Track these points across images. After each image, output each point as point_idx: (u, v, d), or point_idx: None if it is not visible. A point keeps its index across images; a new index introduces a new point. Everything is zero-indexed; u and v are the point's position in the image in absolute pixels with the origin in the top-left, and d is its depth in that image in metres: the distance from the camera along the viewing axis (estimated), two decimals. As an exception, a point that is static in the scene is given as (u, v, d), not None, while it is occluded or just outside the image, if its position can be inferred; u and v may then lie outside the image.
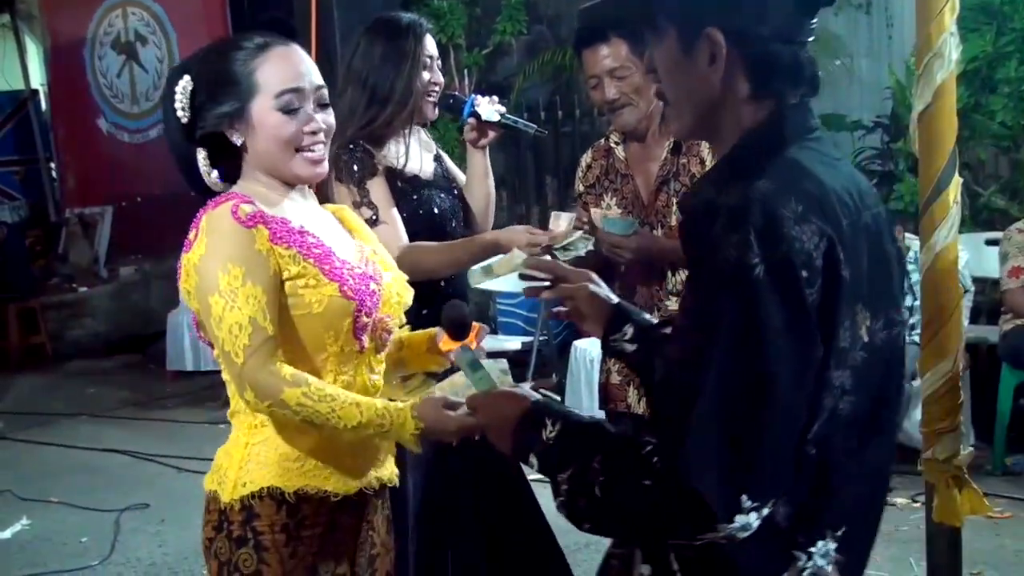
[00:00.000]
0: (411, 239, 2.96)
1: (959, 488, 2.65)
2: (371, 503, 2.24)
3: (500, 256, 2.15)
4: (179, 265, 2.09)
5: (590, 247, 2.95)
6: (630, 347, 1.94)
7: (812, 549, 1.53)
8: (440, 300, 2.86)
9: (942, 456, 2.65)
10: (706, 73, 1.55)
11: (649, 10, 1.61)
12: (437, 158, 3.18)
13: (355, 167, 2.93)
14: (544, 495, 4.59)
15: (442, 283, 2.97)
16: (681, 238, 1.65)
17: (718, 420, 1.38)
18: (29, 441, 7.15)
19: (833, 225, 1.42)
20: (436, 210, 3.02)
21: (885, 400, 1.59)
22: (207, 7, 9.95)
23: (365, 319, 2.11)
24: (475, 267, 2.20)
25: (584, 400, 5.91)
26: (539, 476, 1.66)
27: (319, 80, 2.14)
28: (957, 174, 2.63)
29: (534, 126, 3.15)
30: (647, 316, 2.00)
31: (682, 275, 3.04)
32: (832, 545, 1.55)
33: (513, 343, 6.77)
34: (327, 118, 2.14)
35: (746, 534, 1.40)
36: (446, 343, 2.23)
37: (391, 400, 2.11)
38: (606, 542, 1.76)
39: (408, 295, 2.30)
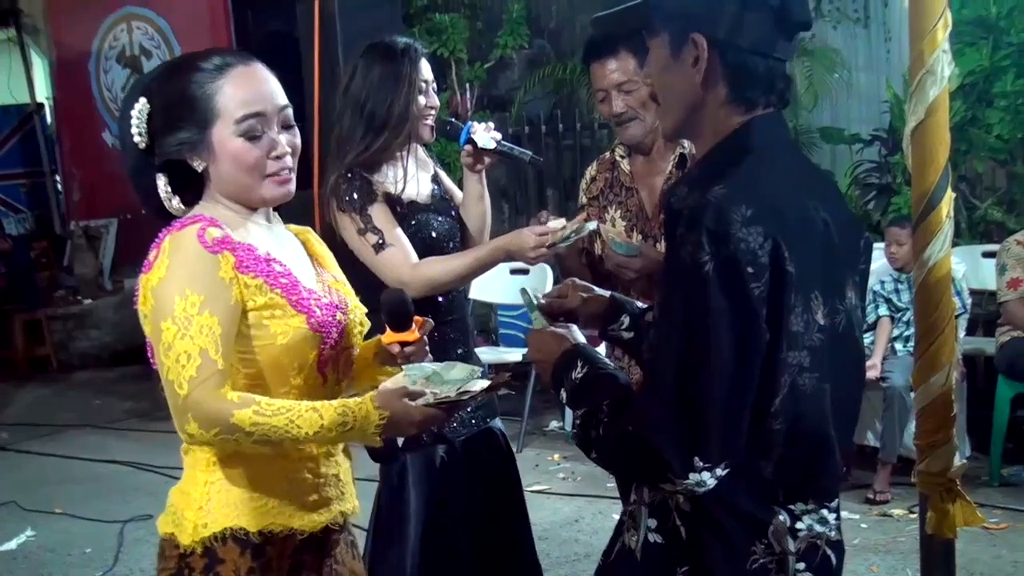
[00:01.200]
0: None
1: (953, 500, 2.65)
2: (333, 539, 2.14)
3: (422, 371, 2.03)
4: (136, 286, 1.99)
5: (591, 227, 2.94)
6: (627, 335, 2.13)
7: (793, 507, 1.73)
8: (437, 314, 2.87)
9: (935, 468, 2.66)
10: (690, 74, 1.73)
11: (646, 17, 1.81)
12: (435, 178, 3.17)
13: (355, 195, 2.92)
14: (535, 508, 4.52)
15: (439, 298, 2.97)
16: (664, 234, 1.82)
17: (674, 393, 1.59)
18: (34, 452, 7.16)
19: (780, 226, 1.60)
20: (434, 233, 3.02)
21: (850, 378, 1.82)
22: (211, 21, 9.97)
23: (330, 352, 2.03)
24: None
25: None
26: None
27: (283, 100, 2.02)
28: (950, 189, 2.64)
29: (530, 153, 3.14)
30: (639, 304, 2.18)
31: None
32: (831, 516, 1.78)
33: (514, 355, 6.75)
34: (292, 139, 2.03)
35: (702, 490, 1.62)
36: (388, 336, 2.14)
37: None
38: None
39: (366, 325, 2.22)
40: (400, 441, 2.83)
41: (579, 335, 1.95)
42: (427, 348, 2.21)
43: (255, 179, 1.99)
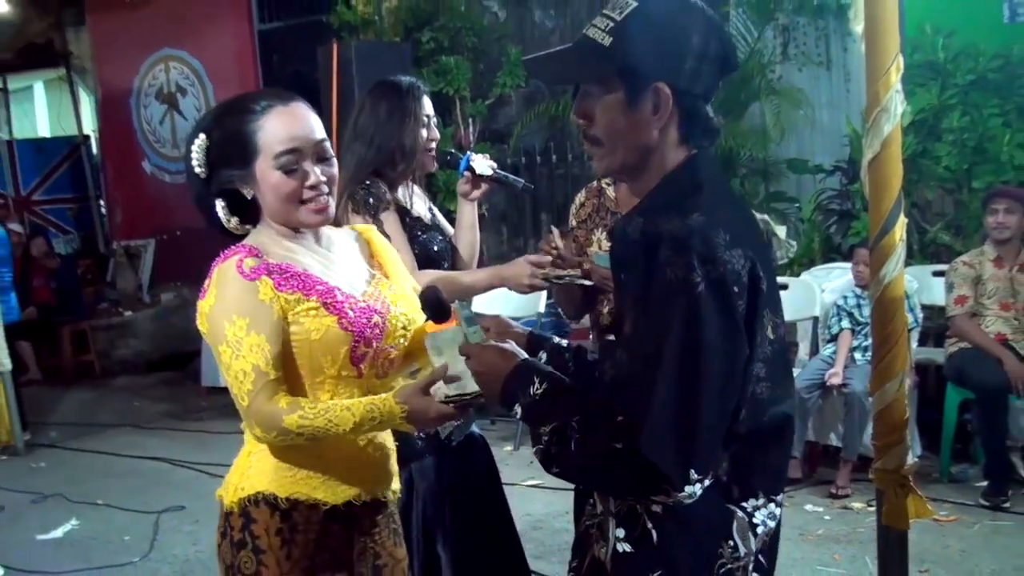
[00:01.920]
0: None
1: (906, 495, 2.66)
2: (365, 516, 2.16)
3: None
4: (196, 309, 2.04)
5: (583, 282, 2.95)
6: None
7: (745, 504, 1.68)
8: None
9: (890, 466, 2.67)
10: (648, 121, 1.66)
11: (600, 70, 1.67)
12: (430, 210, 3.17)
13: (370, 200, 2.90)
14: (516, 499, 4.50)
15: None
16: (612, 259, 1.76)
17: (675, 408, 1.50)
18: (79, 449, 7.15)
19: (753, 248, 1.58)
20: (435, 248, 3.01)
21: (787, 388, 1.75)
22: (240, 62, 10.01)
23: (364, 349, 2.05)
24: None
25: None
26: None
27: (319, 135, 2.06)
28: (903, 215, 2.65)
29: (522, 181, 3.14)
30: (556, 339, 2.05)
31: None
32: (777, 510, 1.73)
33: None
34: (328, 169, 2.07)
35: (690, 501, 1.54)
36: (431, 327, 2.11)
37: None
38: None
39: (419, 319, 2.18)
40: (446, 433, 2.83)
41: (520, 350, 1.81)
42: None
43: (292, 206, 2.04)
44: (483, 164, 3.05)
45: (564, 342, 2.04)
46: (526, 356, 1.79)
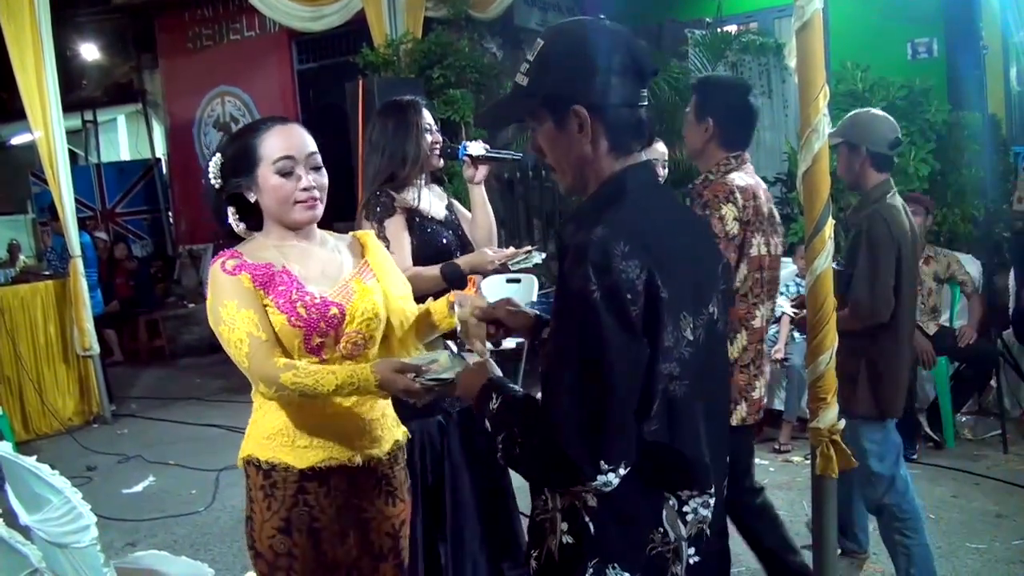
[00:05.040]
0: (423, 263, 2.89)
1: (834, 449, 2.65)
2: (343, 477, 2.11)
3: (429, 358, 1.96)
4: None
5: (537, 260, 2.88)
6: None
7: (680, 493, 1.53)
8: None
9: (823, 426, 2.65)
10: (577, 140, 1.55)
11: (527, 106, 1.59)
12: (449, 207, 3.12)
13: (378, 209, 2.90)
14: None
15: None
16: (558, 260, 1.63)
17: (579, 406, 1.40)
18: (154, 418, 7.15)
19: (654, 258, 1.43)
20: (444, 241, 2.97)
21: (715, 381, 1.60)
22: (282, 95, 10.03)
23: (319, 339, 2.02)
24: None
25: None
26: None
27: (311, 148, 2.06)
28: (831, 217, 2.63)
29: (512, 153, 3.09)
30: None
31: None
32: (712, 500, 1.57)
33: (508, 342, 6.69)
34: (319, 178, 2.06)
35: (608, 488, 1.43)
36: (455, 294, 2.15)
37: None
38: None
39: (374, 312, 2.12)
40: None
41: (495, 368, 1.71)
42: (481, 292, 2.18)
43: (287, 206, 2.05)
44: (477, 148, 3.01)
45: None
46: (492, 376, 1.66)
